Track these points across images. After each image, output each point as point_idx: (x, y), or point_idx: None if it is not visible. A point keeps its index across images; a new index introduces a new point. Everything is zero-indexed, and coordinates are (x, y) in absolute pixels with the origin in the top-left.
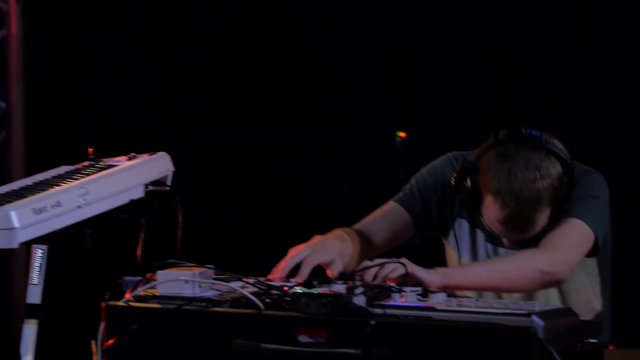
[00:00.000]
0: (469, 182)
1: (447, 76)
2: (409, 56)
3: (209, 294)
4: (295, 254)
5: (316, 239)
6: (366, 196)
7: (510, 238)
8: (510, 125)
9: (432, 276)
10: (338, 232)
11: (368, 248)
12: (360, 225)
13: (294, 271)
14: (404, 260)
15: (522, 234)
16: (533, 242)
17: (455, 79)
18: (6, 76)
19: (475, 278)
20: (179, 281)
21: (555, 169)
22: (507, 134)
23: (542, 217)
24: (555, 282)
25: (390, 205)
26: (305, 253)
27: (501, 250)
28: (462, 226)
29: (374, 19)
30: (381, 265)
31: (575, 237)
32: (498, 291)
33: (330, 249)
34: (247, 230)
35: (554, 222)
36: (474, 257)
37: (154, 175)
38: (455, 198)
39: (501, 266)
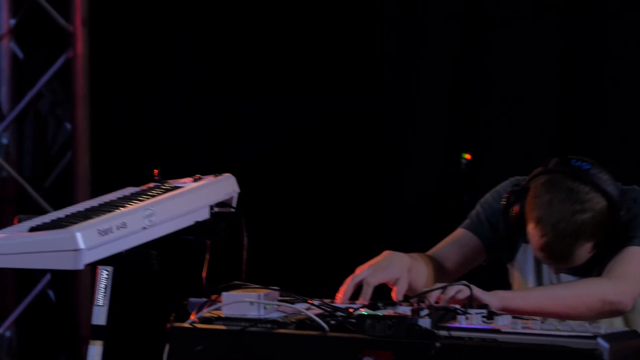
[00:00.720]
0: (516, 208)
1: (513, 100)
2: (475, 79)
3: (274, 315)
4: (357, 274)
5: (384, 254)
6: (431, 217)
7: (551, 266)
8: (571, 151)
9: (492, 299)
10: (413, 254)
11: (440, 274)
12: (431, 252)
13: (358, 291)
14: (466, 282)
15: (561, 264)
16: (591, 269)
17: (520, 102)
18: (72, 97)
19: (535, 303)
20: (244, 303)
21: (600, 203)
22: (557, 163)
23: (582, 250)
24: (616, 312)
25: (460, 232)
26: (367, 273)
27: (563, 276)
28: (527, 251)
29: (440, 42)
30: (445, 287)
31: (638, 266)
32: (558, 318)
33: (397, 265)
34: (312, 251)
35: (615, 250)
36: (539, 282)
37: (220, 197)
38: None
39: (562, 293)
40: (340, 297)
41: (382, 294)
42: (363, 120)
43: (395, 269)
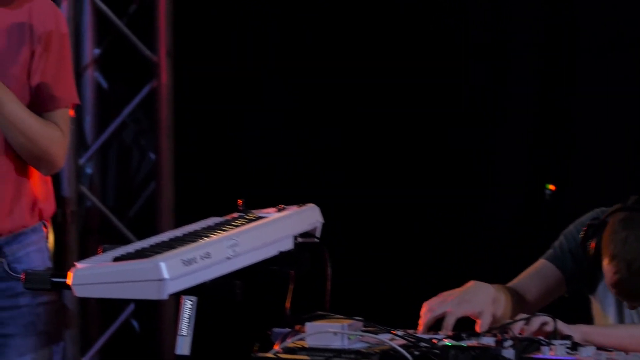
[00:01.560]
0: (593, 242)
1: (599, 130)
2: (560, 108)
3: (358, 346)
4: (440, 304)
5: (469, 285)
6: (514, 246)
7: (626, 303)
8: None
9: (574, 332)
10: (495, 286)
11: (521, 306)
12: (512, 283)
13: (440, 320)
14: (549, 315)
15: (634, 302)
16: None
17: (606, 133)
18: (156, 127)
19: (615, 341)
20: (328, 333)
21: None
22: (636, 201)
23: None
24: None
25: (542, 263)
26: (451, 304)
27: None
28: None
29: (525, 69)
30: (529, 318)
31: None
32: None
33: (481, 296)
34: (395, 281)
35: None
36: (619, 315)
37: (303, 227)
38: None
39: None
40: (423, 327)
41: (464, 324)
42: (445, 149)
43: (479, 300)
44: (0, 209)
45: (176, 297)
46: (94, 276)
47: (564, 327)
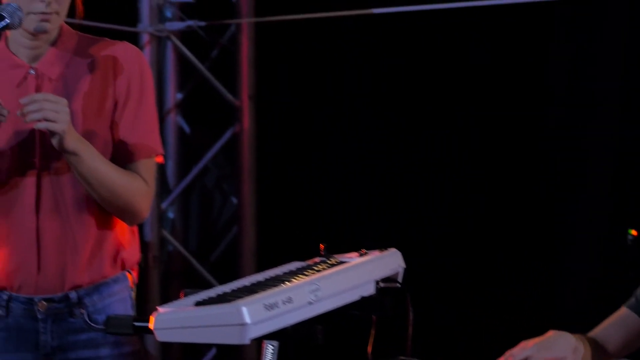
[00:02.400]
0: None
1: None
2: None
3: None
4: (521, 351)
5: (550, 334)
6: (596, 295)
7: None
8: None
9: None
10: (576, 335)
11: (602, 356)
12: (592, 333)
13: None
14: None
15: None
16: None
17: None
18: (238, 171)
19: None
20: None
21: None
22: None
23: None
24: None
25: (623, 311)
26: (531, 351)
27: None
28: None
29: (604, 114)
30: None
31: None
32: None
33: (562, 345)
34: (475, 322)
35: None
36: None
37: (385, 272)
38: None
39: None
40: None
41: None
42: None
43: (560, 348)
44: (80, 260)
45: (258, 341)
46: (175, 320)
47: None
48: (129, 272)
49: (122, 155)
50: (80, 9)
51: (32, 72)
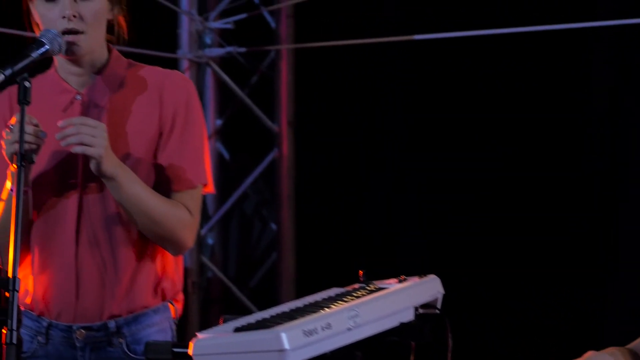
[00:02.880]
0: None
1: None
2: None
3: None
4: None
5: (588, 354)
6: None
7: None
8: None
9: None
10: (611, 349)
11: None
12: (631, 345)
13: None
14: None
15: None
16: None
17: None
18: (277, 198)
19: None
20: None
21: None
22: None
23: None
24: None
25: None
26: None
27: None
28: None
29: None
30: None
31: None
32: None
33: None
34: (515, 352)
35: None
36: None
37: (424, 298)
38: None
39: None
40: None
41: None
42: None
43: None
44: (119, 289)
45: None
46: (215, 346)
47: None
48: (172, 303)
49: (167, 184)
50: (124, 33)
51: (79, 97)
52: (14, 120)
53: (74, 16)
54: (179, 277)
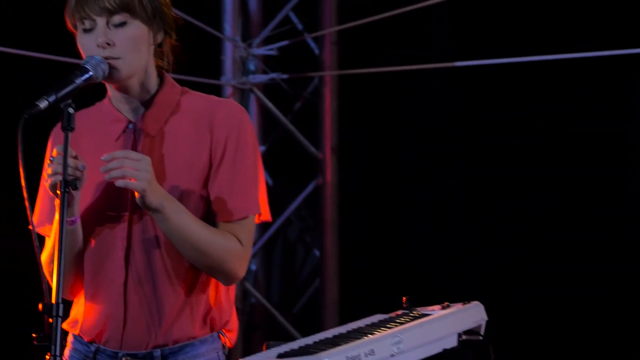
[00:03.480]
0: None
1: None
2: None
3: None
4: None
5: None
6: None
7: None
8: None
9: None
10: None
11: None
12: None
13: None
14: None
15: None
16: None
17: None
18: (320, 224)
19: None
20: None
21: None
22: None
23: None
24: None
25: None
26: None
27: None
28: None
29: None
30: None
31: None
32: None
33: None
34: None
35: None
36: None
37: (468, 324)
38: None
39: None
40: None
41: None
42: None
43: None
44: (166, 318)
45: None
46: None
47: None
48: (222, 334)
49: (217, 215)
50: (169, 59)
51: (131, 126)
52: (54, 152)
53: (108, 44)
54: (230, 306)
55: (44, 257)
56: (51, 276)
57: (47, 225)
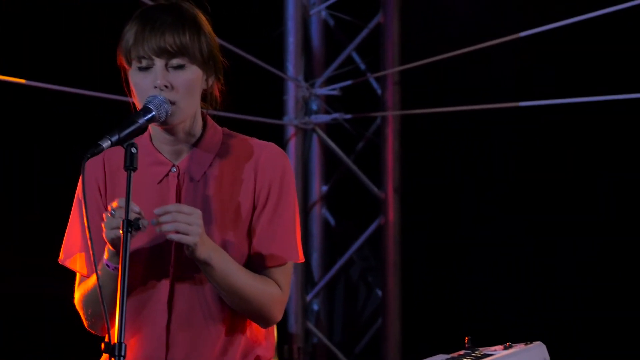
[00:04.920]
0: None
1: None
2: None
3: None
4: None
5: None
6: None
7: None
8: None
9: None
10: None
11: None
12: None
13: None
14: None
15: None
16: None
17: None
18: (383, 264)
19: None
20: None
21: None
22: None
23: None
24: None
25: None
26: None
27: None
28: None
29: None
30: None
31: None
32: None
33: None
34: None
35: None
36: None
37: None
38: None
39: None
40: None
41: None
42: None
43: None
44: (208, 355)
45: None
46: None
47: None
48: None
49: (258, 260)
50: (217, 103)
51: (174, 170)
52: (115, 204)
53: (166, 86)
54: (270, 344)
55: (78, 294)
56: (85, 314)
57: (78, 256)
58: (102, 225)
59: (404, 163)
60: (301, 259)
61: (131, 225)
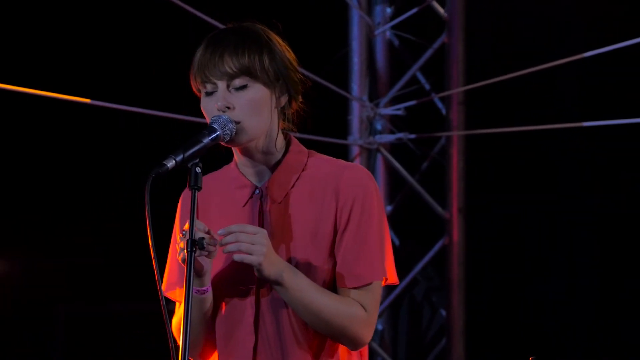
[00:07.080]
0: None
1: None
2: None
3: None
4: None
5: None
6: None
7: None
8: None
9: None
10: None
11: None
12: None
13: None
14: None
15: None
16: None
17: None
18: (447, 284)
19: None
20: None
21: None
22: None
23: None
24: None
25: None
26: None
27: None
28: None
29: None
30: None
31: None
32: None
33: None
34: None
35: None
36: None
37: None
38: None
39: None
40: None
41: None
42: None
43: None
44: None
45: None
46: None
47: None
48: None
49: (341, 281)
50: (293, 121)
51: (257, 192)
52: (186, 226)
53: (228, 107)
54: None
55: (175, 322)
56: (179, 340)
57: (178, 289)
58: (174, 237)
59: (468, 183)
60: (391, 279)
61: (195, 244)
